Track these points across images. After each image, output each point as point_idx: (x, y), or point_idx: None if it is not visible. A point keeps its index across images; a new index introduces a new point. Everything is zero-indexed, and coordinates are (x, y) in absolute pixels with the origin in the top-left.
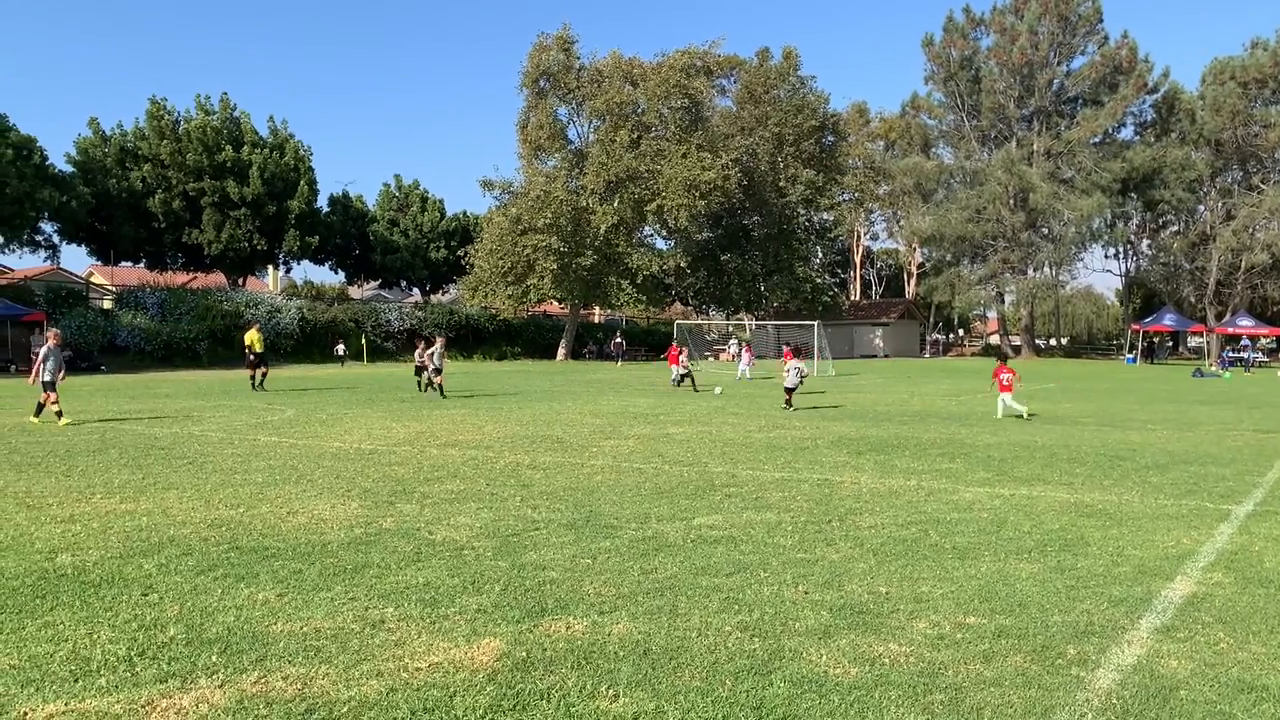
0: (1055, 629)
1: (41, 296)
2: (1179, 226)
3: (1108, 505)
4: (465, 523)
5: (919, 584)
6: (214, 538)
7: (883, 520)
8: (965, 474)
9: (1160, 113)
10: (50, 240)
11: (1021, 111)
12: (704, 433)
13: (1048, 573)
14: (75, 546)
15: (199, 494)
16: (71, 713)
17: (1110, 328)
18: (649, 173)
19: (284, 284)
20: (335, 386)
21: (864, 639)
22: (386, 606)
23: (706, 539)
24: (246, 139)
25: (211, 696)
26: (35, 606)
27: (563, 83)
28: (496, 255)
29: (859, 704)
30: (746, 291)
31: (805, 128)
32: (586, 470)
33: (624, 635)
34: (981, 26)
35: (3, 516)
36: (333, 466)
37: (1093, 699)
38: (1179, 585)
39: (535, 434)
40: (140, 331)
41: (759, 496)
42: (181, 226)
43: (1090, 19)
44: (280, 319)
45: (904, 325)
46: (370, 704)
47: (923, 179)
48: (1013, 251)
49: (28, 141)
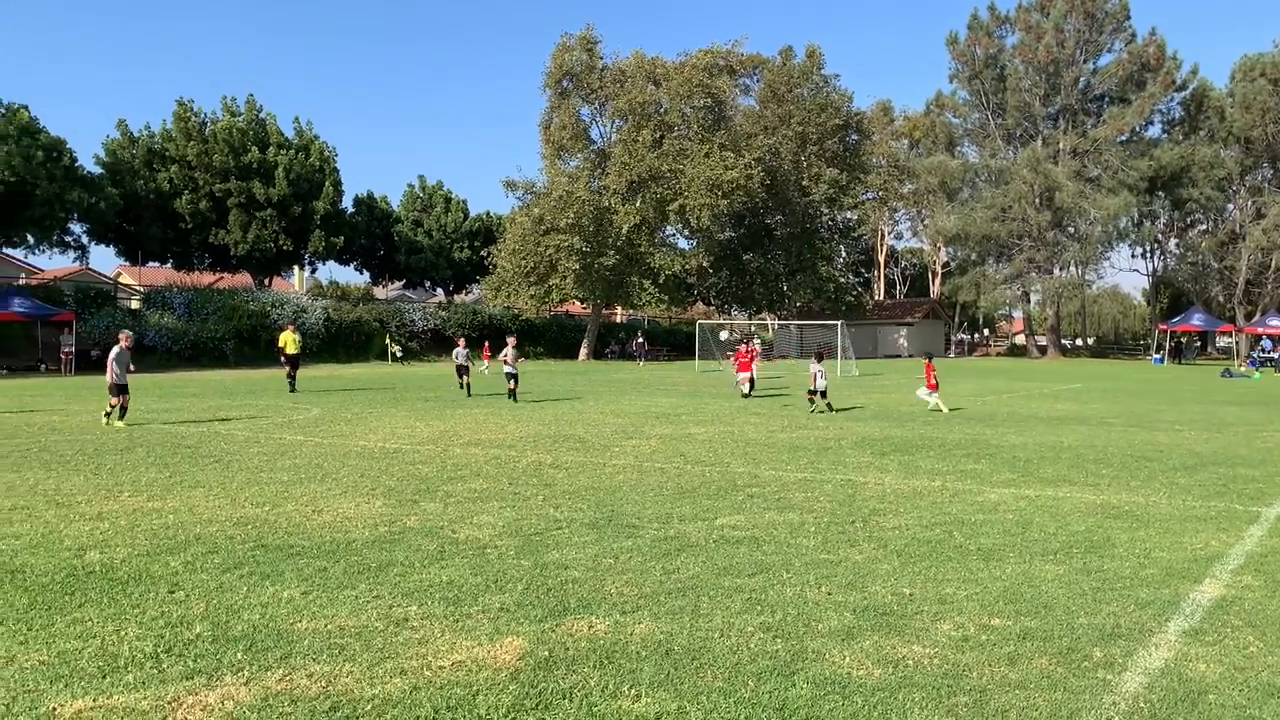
0: (1081, 631)
1: (71, 296)
2: (1207, 225)
3: (1135, 507)
4: (488, 521)
5: (943, 585)
6: (240, 536)
7: (907, 521)
8: (990, 475)
9: (1189, 110)
10: (79, 241)
11: (1047, 110)
12: (726, 433)
13: (1073, 575)
14: (103, 544)
15: (225, 492)
16: (99, 708)
17: (1137, 328)
18: (671, 172)
19: (309, 284)
20: (360, 387)
21: (887, 640)
22: (410, 605)
23: (729, 539)
24: (272, 140)
25: (237, 693)
26: (64, 603)
27: (585, 83)
28: (519, 255)
29: (882, 706)
30: (769, 291)
31: (829, 126)
32: (609, 470)
33: (646, 635)
34: (1007, 24)
35: (33, 514)
36: (357, 465)
37: (1119, 702)
38: (1207, 588)
39: (558, 433)
40: (167, 331)
41: (782, 497)
42: (208, 227)
43: (1117, 16)
44: (306, 319)
45: (928, 325)
46: (394, 702)
47: (947, 178)
48: (1038, 251)
49: (58, 143)
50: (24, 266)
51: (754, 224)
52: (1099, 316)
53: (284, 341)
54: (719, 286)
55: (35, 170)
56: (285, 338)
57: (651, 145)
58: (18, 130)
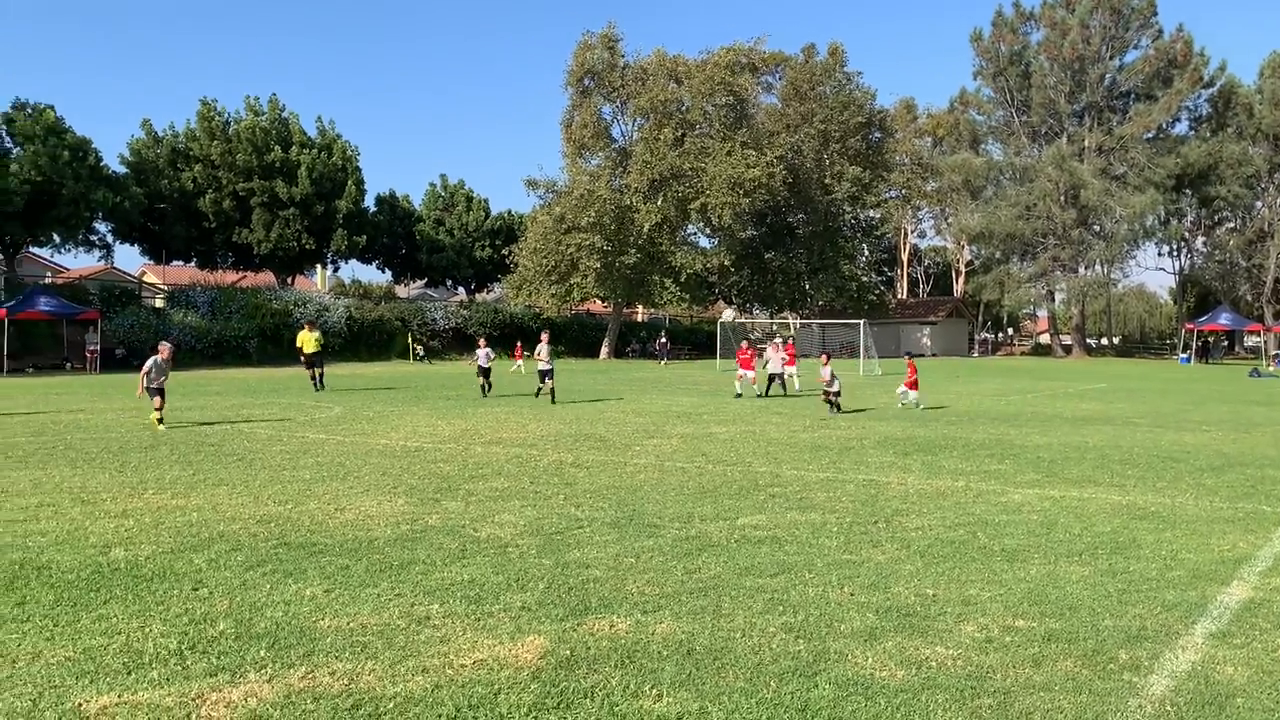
0: (1106, 633)
1: (96, 295)
2: (1235, 223)
3: (1161, 508)
4: (510, 520)
5: (967, 586)
6: (263, 534)
7: (930, 522)
8: (1014, 475)
9: (1216, 107)
10: (104, 240)
11: (1072, 107)
12: (748, 432)
13: (1099, 576)
14: (128, 541)
15: (248, 490)
16: (124, 704)
17: (1163, 327)
18: (693, 171)
19: (332, 283)
20: (382, 385)
21: (910, 641)
22: (432, 603)
23: (750, 539)
24: (295, 139)
25: (260, 690)
26: (90, 600)
27: (607, 81)
28: (540, 254)
29: (905, 707)
30: (791, 290)
31: (851, 124)
32: (630, 469)
33: (667, 635)
34: (1031, 21)
35: (59, 511)
36: (379, 463)
37: (1145, 705)
38: (1235, 590)
39: (579, 432)
40: (191, 330)
41: (804, 497)
42: (231, 226)
43: (1144, 12)
44: (328, 318)
45: (952, 324)
46: (415, 700)
47: (971, 175)
48: (1063, 249)
49: (83, 143)
50: (50, 265)
51: (776, 222)
52: (1124, 315)
53: (302, 341)
54: (740, 285)
55: (61, 170)
56: (303, 337)
57: (673, 143)
58: (44, 130)
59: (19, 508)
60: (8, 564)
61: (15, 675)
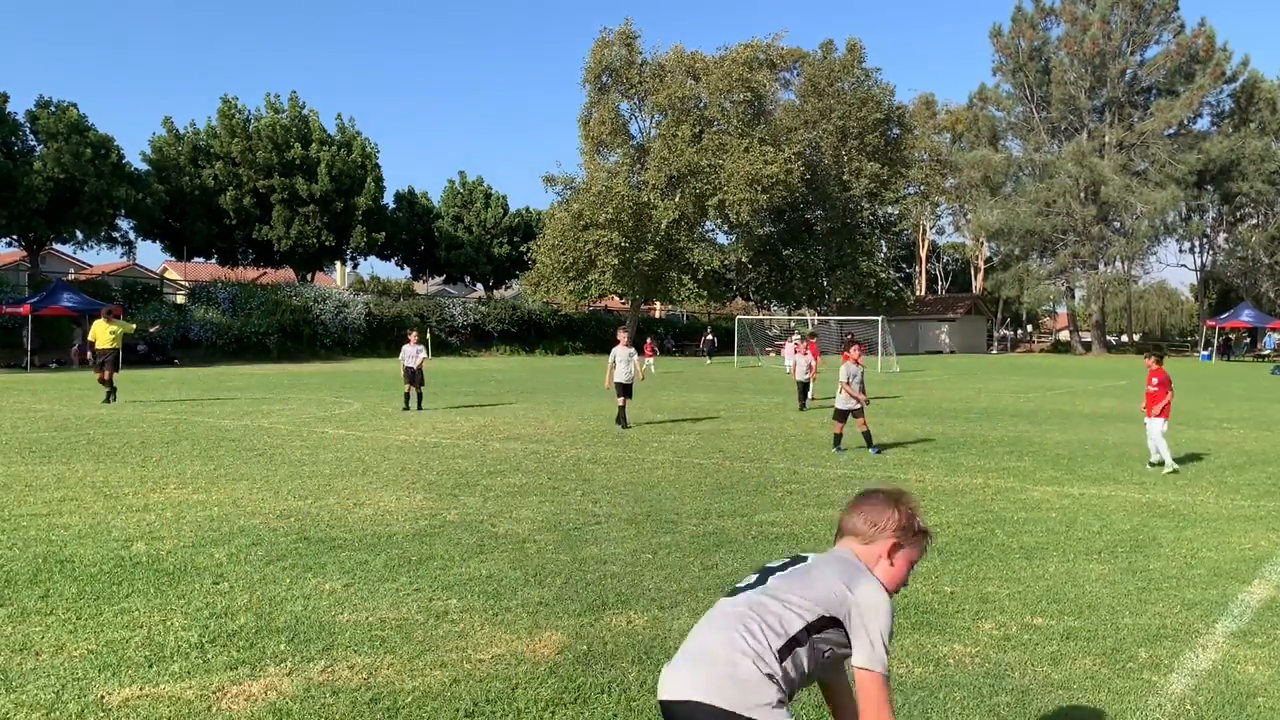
0: (1126, 632)
1: (118, 292)
2: (1258, 220)
3: (1181, 506)
4: (527, 516)
5: (985, 584)
6: (283, 528)
7: (948, 519)
8: (1033, 472)
9: (1239, 102)
10: (126, 237)
11: (1093, 102)
12: (765, 428)
13: (1118, 574)
14: (150, 535)
15: (268, 485)
16: (146, 697)
17: (1184, 324)
18: (711, 167)
19: (351, 279)
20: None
21: (928, 639)
22: (450, 598)
23: (768, 535)
24: (315, 137)
25: (280, 684)
26: (112, 593)
27: (625, 78)
28: (558, 251)
29: (923, 705)
30: (809, 287)
31: (870, 120)
32: (647, 465)
33: (684, 630)
34: (1051, 16)
35: (81, 505)
36: (398, 459)
37: (1165, 704)
38: (1256, 589)
39: (596, 428)
40: (212, 325)
41: (821, 494)
42: (252, 223)
43: (1165, 6)
44: (348, 314)
45: (970, 321)
46: (433, 694)
47: (991, 172)
48: (1083, 246)
49: (105, 140)
50: (72, 261)
51: (794, 219)
52: (1145, 312)
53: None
54: (758, 282)
55: (84, 167)
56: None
57: (691, 140)
58: (67, 128)
59: (43, 502)
60: (32, 557)
61: (39, 667)
